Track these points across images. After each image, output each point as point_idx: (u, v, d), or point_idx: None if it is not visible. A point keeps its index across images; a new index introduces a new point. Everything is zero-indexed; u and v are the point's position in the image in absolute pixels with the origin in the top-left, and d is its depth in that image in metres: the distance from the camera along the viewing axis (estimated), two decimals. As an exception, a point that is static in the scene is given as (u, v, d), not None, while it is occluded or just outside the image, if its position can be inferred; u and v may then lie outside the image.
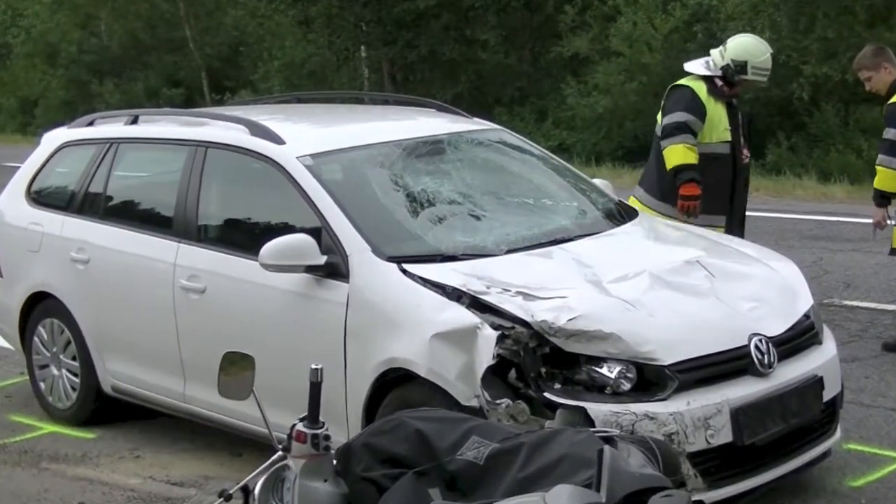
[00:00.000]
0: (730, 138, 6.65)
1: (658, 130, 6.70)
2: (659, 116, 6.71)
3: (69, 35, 30.77)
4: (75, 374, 6.40)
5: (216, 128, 5.86)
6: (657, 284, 4.79)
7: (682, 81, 6.71)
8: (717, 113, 6.61)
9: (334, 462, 3.04)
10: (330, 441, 3.00)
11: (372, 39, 24.23)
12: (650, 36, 20.45)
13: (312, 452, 2.97)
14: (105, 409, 6.36)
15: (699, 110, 6.55)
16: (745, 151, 6.80)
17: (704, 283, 4.89)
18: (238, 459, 5.74)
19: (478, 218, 5.27)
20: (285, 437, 3.03)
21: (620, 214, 5.73)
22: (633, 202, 6.52)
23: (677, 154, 6.49)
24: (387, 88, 23.91)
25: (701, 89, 6.61)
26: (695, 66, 6.76)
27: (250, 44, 28.21)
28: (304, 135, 5.84)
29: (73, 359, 6.38)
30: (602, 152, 20.03)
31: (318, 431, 2.98)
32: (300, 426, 2.99)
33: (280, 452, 3.03)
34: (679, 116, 6.53)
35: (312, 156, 5.34)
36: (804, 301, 5.11)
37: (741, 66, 6.60)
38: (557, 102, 22.33)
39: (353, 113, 6.98)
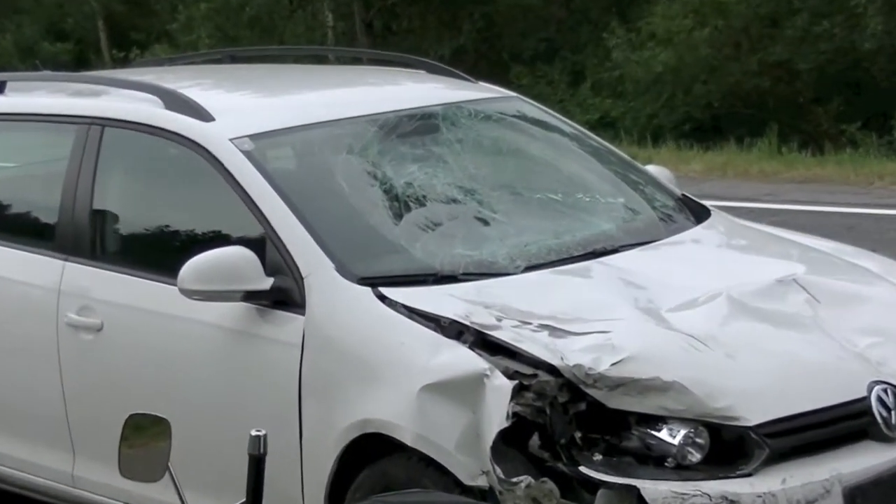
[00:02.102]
0: None
1: None
2: None
3: None
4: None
5: (117, 99, 5.87)
6: (738, 313, 4.80)
7: None
8: None
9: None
10: (277, 538, 3.01)
11: (338, -27, 24.33)
12: (728, -36, 20.55)
13: (252, 554, 2.98)
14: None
15: None
16: None
17: (805, 311, 4.90)
18: (151, 565, 5.74)
19: (485, 222, 5.30)
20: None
21: (686, 215, 5.75)
22: None
23: None
24: (360, 42, 23.99)
25: None
26: None
27: (167, -20, 28.31)
28: (241, 108, 5.89)
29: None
30: (661, 128, 20.09)
31: (261, 525, 2.98)
32: (235, 517, 3.00)
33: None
34: None
35: (253, 137, 5.36)
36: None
37: None
38: (599, 59, 22.41)
39: (312, 77, 7.02)
